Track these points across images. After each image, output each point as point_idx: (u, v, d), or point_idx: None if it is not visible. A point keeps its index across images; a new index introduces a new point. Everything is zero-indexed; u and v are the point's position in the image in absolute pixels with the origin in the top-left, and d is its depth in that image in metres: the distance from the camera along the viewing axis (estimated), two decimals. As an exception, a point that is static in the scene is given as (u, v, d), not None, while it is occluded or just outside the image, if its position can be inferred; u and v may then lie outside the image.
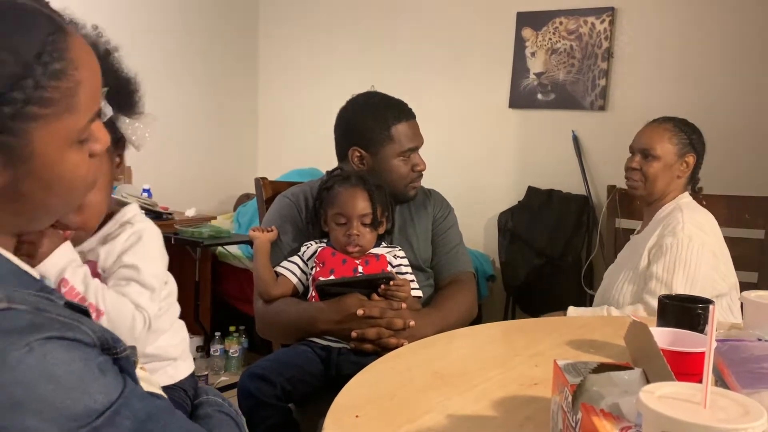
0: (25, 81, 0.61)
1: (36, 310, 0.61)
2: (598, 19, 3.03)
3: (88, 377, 0.62)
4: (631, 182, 1.94)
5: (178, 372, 1.19)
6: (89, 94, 0.67)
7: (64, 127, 0.65)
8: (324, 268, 1.61)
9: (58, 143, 0.66)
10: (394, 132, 1.71)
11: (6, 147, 0.63)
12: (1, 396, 0.57)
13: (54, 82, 0.63)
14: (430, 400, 1.00)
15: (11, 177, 0.65)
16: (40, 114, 0.63)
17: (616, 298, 1.87)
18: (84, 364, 0.62)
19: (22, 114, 0.62)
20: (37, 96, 0.62)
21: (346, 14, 3.75)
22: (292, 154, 3.89)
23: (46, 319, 0.61)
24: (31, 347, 0.59)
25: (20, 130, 0.62)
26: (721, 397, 0.59)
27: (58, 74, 0.64)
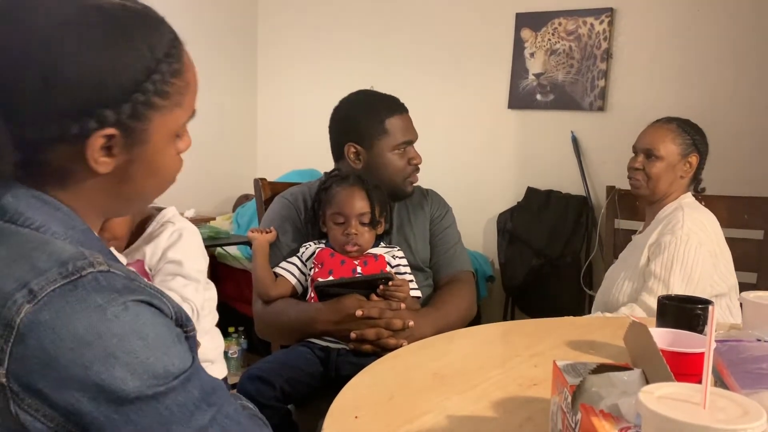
0: (155, 75, 0.72)
1: (129, 278, 0.69)
2: (597, 20, 3.03)
3: (169, 342, 0.69)
4: (634, 182, 1.94)
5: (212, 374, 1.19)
6: (192, 95, 0.78)
7: (173, 120, 0.76)
8: (323, 269, 1.61)
9: (167, 134, 0.76)
10: (388, 125, 1.72)
11: (132, 131, 0.72)
12: (98, 344, 0.64)
13: (173, 79, 0.74)
14: (430, 400, 1.00)
15: (126, 159, 0.73)
16: (161, 105, 0.73)
17: (616, 297, 1.87)
18: (167, 329, 0.69)
19: (149, 103, 0.72)
20: (161, 89, 0.72)
21: (345, 15, 3.75)
22: (291, 154, 3.89)
23: (138, 286, 0.69)
24: (127, 306, 0.66)
25: (145, 117, 0.72)
26: (721, 397, 0.59)
27: (176, 73, 0.74)
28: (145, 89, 0.71)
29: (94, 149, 0.70)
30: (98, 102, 0.69)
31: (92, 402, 0.63)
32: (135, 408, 0.65)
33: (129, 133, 0.72)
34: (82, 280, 0.65)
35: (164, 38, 0.74)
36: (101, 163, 0.72)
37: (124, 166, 0.74)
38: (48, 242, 0.68)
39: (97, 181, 0.73)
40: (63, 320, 0.63)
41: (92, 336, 0.64)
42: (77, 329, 0.63)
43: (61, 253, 0.67)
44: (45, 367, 0.63)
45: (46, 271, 0.65)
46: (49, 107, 0.68)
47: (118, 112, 0.69)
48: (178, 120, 0.77)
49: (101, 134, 0.70)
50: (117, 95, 0.69)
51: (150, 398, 0.66)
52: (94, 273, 0.66)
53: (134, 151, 0.73)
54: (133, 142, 0.73)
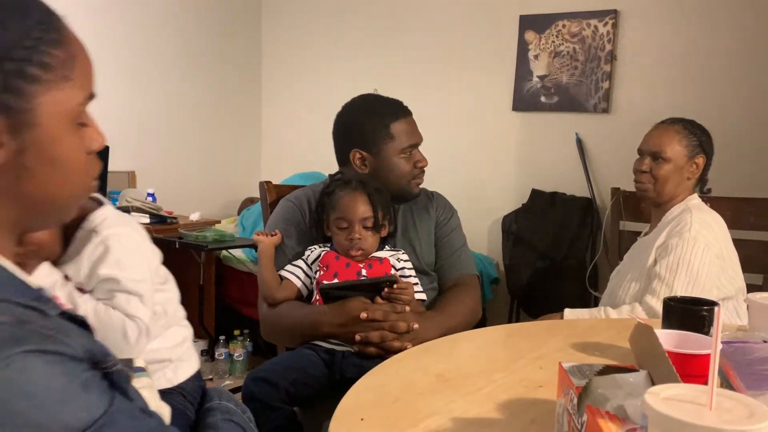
0: (26, 41, 0.64)
1: (19, 323, 0.59)
2: (600, 22, 3.03)
3: (69, 394, 0.59)
4: (640, 185, 1.92)
5: (177, 375, 1.16)
6: (84, 71, 0.70)
7: (64, 97, 0.67)
8: (328, 272, 1.61)
9: (60, 115, 0.67)
10: (393, 129, 1.72)
11: (10, 109, 0.64)
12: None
13: (53, 50, 0.66)
14: (435, 403, 1.00)
15: (16, 147, 0.65)
16: (42, 77, 0.65)
17: (622, 298, 1.87)
18: (66, 379, 0.59)
19: (25, 73, 0.64)
20: (38, 58, 0.65)
21: (349, 19, 3.76)
22: (296, 157, 3.90)
23: (28, 332, 0.59)
24: (9, 361, 0.56)
25: (23, 91, 0.64)
26: (727, 398, 0.59)
27: (55, 42, 0.67)
28: (15, 57, 0.63)
29: None
30: None
31: None
32: None
33: (11, 112, 0.64)
34: None
35: (33, 8, 0.67)
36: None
37: (17, 157, 0.65)
38: None
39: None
40: None
41: None
42: None
43: None
44: None
45: None
46: None
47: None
48: (71, 98, 0.68)
49: None
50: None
51: None
52: None
53: (24, 137, 0.65)
54: (18, 124, 0.64)
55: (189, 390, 1.15)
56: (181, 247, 2.95)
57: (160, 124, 3.74)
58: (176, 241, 2.95)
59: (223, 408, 1.02)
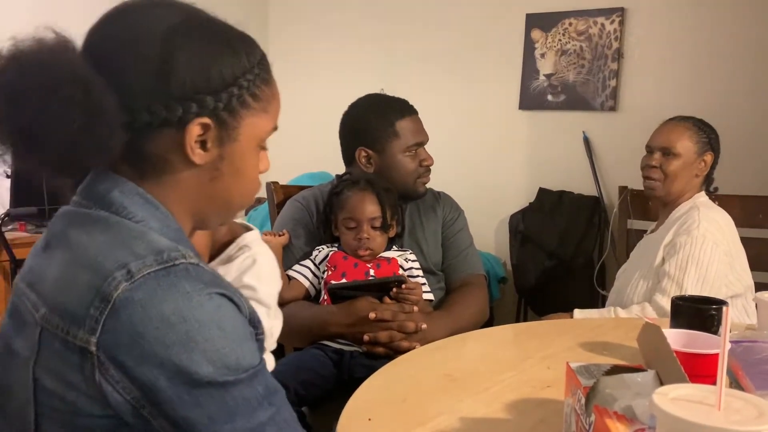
0: (249, 75, 0.80)
1: (215, 275, 0.75)
2: (607, 20, 3.01)
3: (243, 337, 0.74)
4: (649, 182, 1.90)
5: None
6: (276, 107, 0.86)
7: (260, 124, 0.83)
8: (336, 272, 1.61)
9: (253, 138, 0.83)
10: (398, 127, 1.72)
11: (225, 125, 0.79)
12: (181, 327, 0.68)
13: (263, 86, 0.82)
14: (442, 402, 1.00)
15: (218, 155, 0.79)
16: (251, 105, 0.81)
17: (631, 297, 1.86)
18: (242, 325, 0.74)
19: (242, 99, 0.79)
20: (253, 90, 0.80)
21: (355, 17, 3.76)
22: (303, 157, 3.90)
23: (222, 282, 0.75)
24: (211, 296, 0.71)
25: (237, 114, 0.79)
26: (736, 399, 0.59)
27: (265, 81, 0.83)
28: (240, 85, 0.79)
29: (192, 137, 0.77)
30: (202, 89, 0.76)
31: (168, 380, 0.68)
32: (205, 393, 0.69)
33: (222, 126, 0.78)
34: (175, 268, 0.71)
35: (257, 50, 0.83)
36: (196, 154, 0.78)
37: (215, 162, 0.80)
38: (147, 233, 0.74)
39: (190, 175, 0.79)
40: (153, 301, 0.68)
41: (177, 319, 0.68)
42: (165, 311, 0.68)
43: (158, 243, 0.73)
44: (131, 342, 0.67)
45: (144, 257, 0.71)
46: (161, 93, 0.75)
47: (216, 100, 0.77)
48: (264, 126, 0.84)
49: (199, 122, 0.76)
50: (217, 85, 0.77)
51: (220, 386, 0.70)
52: (185, 264, 0.72)
53: (225, 148, 0.80)
54: (224, 137, 0.79)
55: None
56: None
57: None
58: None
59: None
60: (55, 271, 0.73)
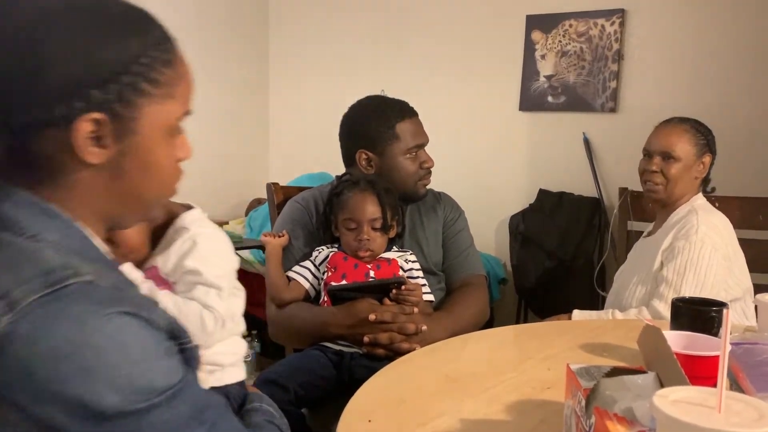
0: (143, 58, 0.71)
1: (116, 288, 0.67)
2: (608, 21, 3.02)
3: (155, 355, 0.66)
4: (650, 186, 1.89)
5: (224, 376, 1.18)
6: (185, 91, 0.77)
7: (165, 112, 0.74)
8: (336, 273, 1.61)
9: (159, 128, 0.74)
10: (399, 130, 1.72)
11: (120, 117, 0.70)
12: (74, 359, 0.61)
13: (164, 68, 0.73)
14: (443, 404, 1.00)
15: (118, 151, 0.71)
16: (150, 92, 0.72)
17: (629, 301, 1.85)
18: (154, 342, 0.67)
19: (137, 87, 0.71)
20: (150, 75, 0.72)
21: (356, 18, 3.76)
22: (303, 158, 3.90)
23: (124, 297, 0.67)
24: (109, 317, 0.64)
25: (133, 103, 0.71)
26: (736, 401, 0.59)
27: (167, 63, 0.74)
28: (132, 71, 0.70)
29: (82, 135, 0.68)
30: (85, 82, 0.67)
31: (70, 417, 0.61)
32: (115, 425, 0.63)
33: (118, 119, 0.70)
34: (65, 291, 0.63)
35: (153, 29, 0.74)
36: (90, 153, 0.70)
37: (116, 159, 0.72)
38: (38, 251, 0.66)
39: (90, 175, 0.72)
40: (41, 332, 0.61)
41: (70, 349, 0.61)
42: (55, 342, 0.61)
43: (47, 262, 0.65)
44: (23, 380, 0.61)
45: (29, 281, 0.63)
46: (36, 90, 0.67)
47: (105, 92, 0.68)
48: (171, 113, 0.75)
49: (88, 118, 0.68)
50: (104, 75, 0.68)
51: (131, 414, 0.63)
52: (78, 283, 0.64)
53: (125, 142, 0.72)
54: (122, 130, 0.71)
55: (233, 393, 1.18)
56: (189, 248, 2.96)
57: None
58: (184, 242, 2.96)
59: (264, 410, 1.05)
60: None
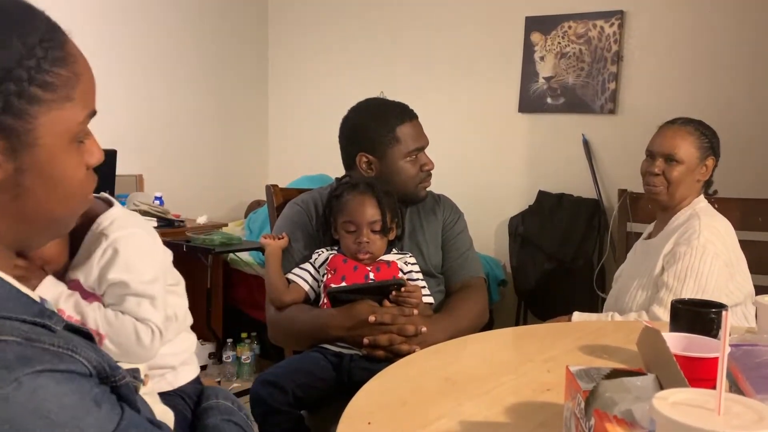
0: (28, 61, 0.63)
1: (27, 341, 0.58)
2: (607, 23, 3.02)
3: (81, 411, 0.59)
4: (652, 188, 1.87)
5: (177, 378, 1.15)
6: (86, 89, 0.69)
7: (65, 117, 0.66)
8: (335, 275, 1.61)
9: (60, 134, 0.66)
10: (399, 133, 1.72)
11: (10, 130, 0.63)
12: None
13: (55, 68, 0.65)
14: (443, 406, 1.00)
15: (14, 167, 0.64)
16: (43, 98, 0.64)
17: (630, 306, 1.84)
18: (78, 396, 0.60)
19: (26, 94, 0.63)
20: (40, 78, 0.64)
21: (355, 20, 3.77)
22: (303, 160, 3.91)
23: (37, 351, 0.58)
24: (20, 382, 0.56)
25: (24, 112, 0.63)
26: (735, 403, 0.59)
27: (58, 61, 0.65)
28: (17, 77, 0.62)
29: None
30: None
31: None
32: None
33: (10, 133, 0.63)
34: None
35: (37, 25, 0.65)
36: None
37: (14, 177, 0.64)
38: None
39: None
40: None
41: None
42: None
43: None
44: None
45: None
46: None
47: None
48: (72, 117, 0.67)
49: None
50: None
51: None
52: None
53: (22, 158, 0.64)
54: (17, 144, 0.63)
55: (188, 392, 1.14)
56: (188, 250, 2.96)
57: (167, 128, 3.75)
58: (183, 245, 2.97)
59: (221, 407, 1.02)
60: None
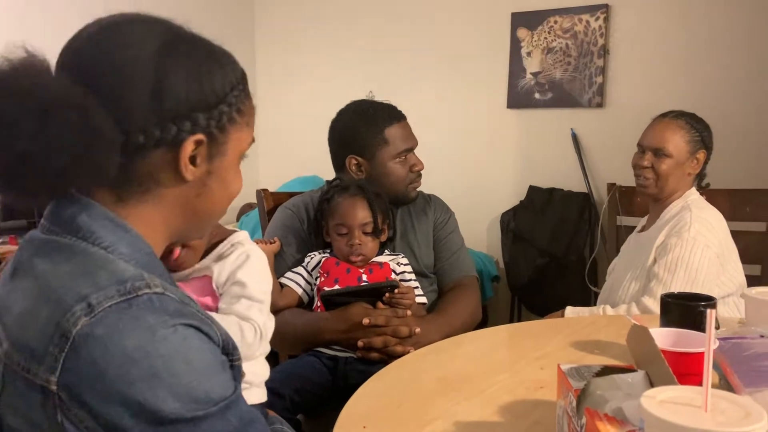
0: (236, 91, 0.81)
1: (181, 303, 0.72)
2: (592, 17, 3.03)
3: (213, 368, 0.71)
4: (641, 180, 1.88)
5: (250, 396, 1.17)
6: (254, 120, 0.86)
7: (244, 137, 0.84)
8: (328, 278, 1.62)
9: (238, 152, 0.83)
10: (388, 135, 1.73)
11: (215, 140, 0.79)
12: (143, 364, 0.66)
13: (246, 100, 0.83)
14: (438, 407, 1.01)
15: (207, 170, 0.79)
16: (238, 120, 0.81)
17: (623, 298, 1.85)
18: (212, 356, 0.72)
19: (231, 115, 0.80)
20: (239, 105, 0.81)
21: (342, 20, 3.76)
22: (294, 162, 3.90)
23: (189, 311, 0.72)
24: (176, 328, 0.69)
25: (226, 129, 0.80)
26: (722, 399, 0.60)
27: (248, 95, 0.84)
28: (229, 101, 0.79)
29: (186, 154, 0.76)
30: (195, 107, 0.76)
31: (133, 418, 0.65)
32: (173, 429, 0.66)
33: (213, 142, 0.79)
34: (138, 300, 0.68)
35: (238, 65, 0.84)
36: (189, 171, 0.77)
37: (203, 177, 0.80)
38: (112, 262, 0.72)
39: (179, 191, 0.79)
40: (115, 336, 0.66)
41: (140, 354, 0.66)
42: (127, 347, 0.66)
43: (122, 272, 0.70)
44: (93, 380, 0.65)
45: (105, 288, 0.68)
46: (154, 114, 0.74)
47: (209, 117, 0.77)
48: (247, 139, 0.85)
49: (193, 139, 0.76)
50: (210, 102, 0.77)
51: (188, 421, 0.67)
52: (149, 294, 0.69)
53: (213, 163, 0.80)
54: (214, 152, 0.79)
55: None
56: (181, 255, 2.96)
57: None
58: (177, 250, 2.96)
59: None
60: (19, 304, 0.70)
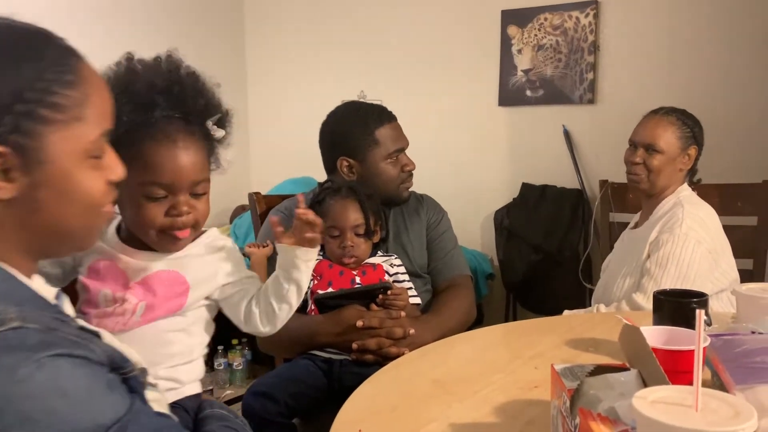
0: (38, 83, 0.68)
1: (47, 329, 0.64)
2: (582, 13, 3.04)
3: (96, 392, 0.65)
4: (633, 176, 1.89)
5: (181, 393, 1.16)
6: (99, 108, 0.73)
7: (75, 136, 0.70)
8: (322, 281, 1.62)
9: (71, 152, 0.70)
10: (378, 135, 1.73)
11: (21, 148, 0.67)
12: (11, 410, 0.59)
13: (65, 90, 0.69)
14: (432, 409, 1.01)
15: (29, 183, 0.68)
16: (52, 118, 0.68)
17: (617, 294, 1.85)
18: (93, 380, 0.65)
19: (35, 115, 0.67)
20: (48, 100, 0.68)
21: (333, 20, 3.76)
22: (286, 163, 3.89)
23: (56, 338, 0.64)
24: (41, 363, 0.61)
25: (33, 132, 0.67)
26: (713, 398, 0.60)
27: (68, 84, 0.70)
28: (26, 99, 0.66)
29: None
30: None
31: None
32: None
33: (21, 151, 0.67)
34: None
35: (47, 51, 0.70)
36: (2, 189, 0.67)
37: (30, 192, 0.69)
38: None
39: (8, 213, 0.69)
40: None
41: (3, 402, 0.59)
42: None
43: None
44: None
45: None
46: None
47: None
48: (83, 136, 0.71)
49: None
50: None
51: None
52: (3, 332, 0.61)
53: (35, 174, 0.68)
54: (29, 161, 0.67)
55: (190, 405, 1.17)
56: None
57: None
58: (170, 254, 2.95)
59: (217, 415, 1.05)
60: None
